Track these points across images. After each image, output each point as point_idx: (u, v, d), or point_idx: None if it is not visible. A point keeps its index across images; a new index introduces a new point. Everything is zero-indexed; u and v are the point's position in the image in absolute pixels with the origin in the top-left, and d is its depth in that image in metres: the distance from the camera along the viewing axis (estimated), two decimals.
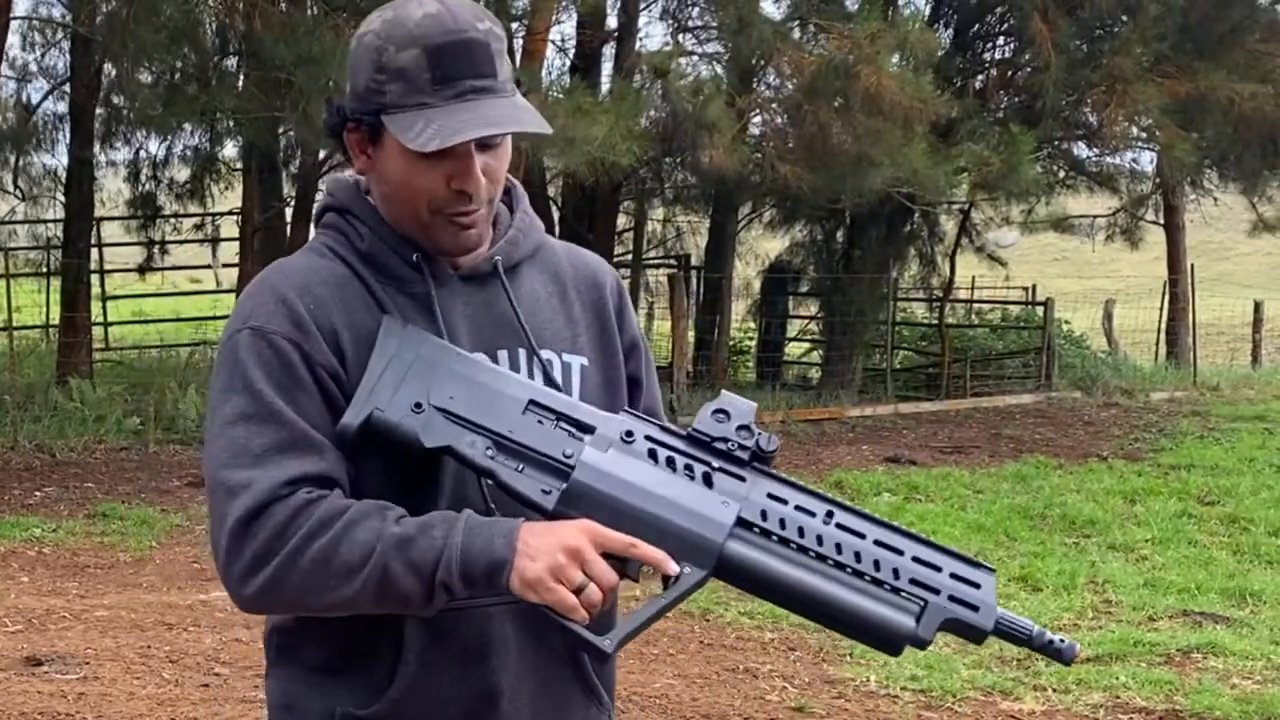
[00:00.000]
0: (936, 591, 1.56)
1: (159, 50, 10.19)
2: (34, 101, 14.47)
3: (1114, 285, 28.01)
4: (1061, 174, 17.80)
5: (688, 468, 1.60)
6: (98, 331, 15.49)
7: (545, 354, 1.76)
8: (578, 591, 1.54)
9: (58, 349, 12.88)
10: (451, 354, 1.66)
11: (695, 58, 14.67)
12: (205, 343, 16.43)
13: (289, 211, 15.56)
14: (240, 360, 1.64)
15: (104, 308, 16.76)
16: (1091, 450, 11.89)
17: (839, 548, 1.56)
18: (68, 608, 6.32)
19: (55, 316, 13.95)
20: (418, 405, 1.63)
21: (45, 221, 16.22)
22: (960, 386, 16.53)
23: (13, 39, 12.82)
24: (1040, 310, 17.26)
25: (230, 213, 16.52)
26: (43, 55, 14.52)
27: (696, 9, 15.33)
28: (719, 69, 14.01)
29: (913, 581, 1.56)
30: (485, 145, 1.68)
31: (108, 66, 12.22)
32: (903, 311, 19.01)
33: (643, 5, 15.23)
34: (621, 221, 18.28)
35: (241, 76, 11.76)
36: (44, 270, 16.68)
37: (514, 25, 13.64)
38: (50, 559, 7.33)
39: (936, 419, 13.80)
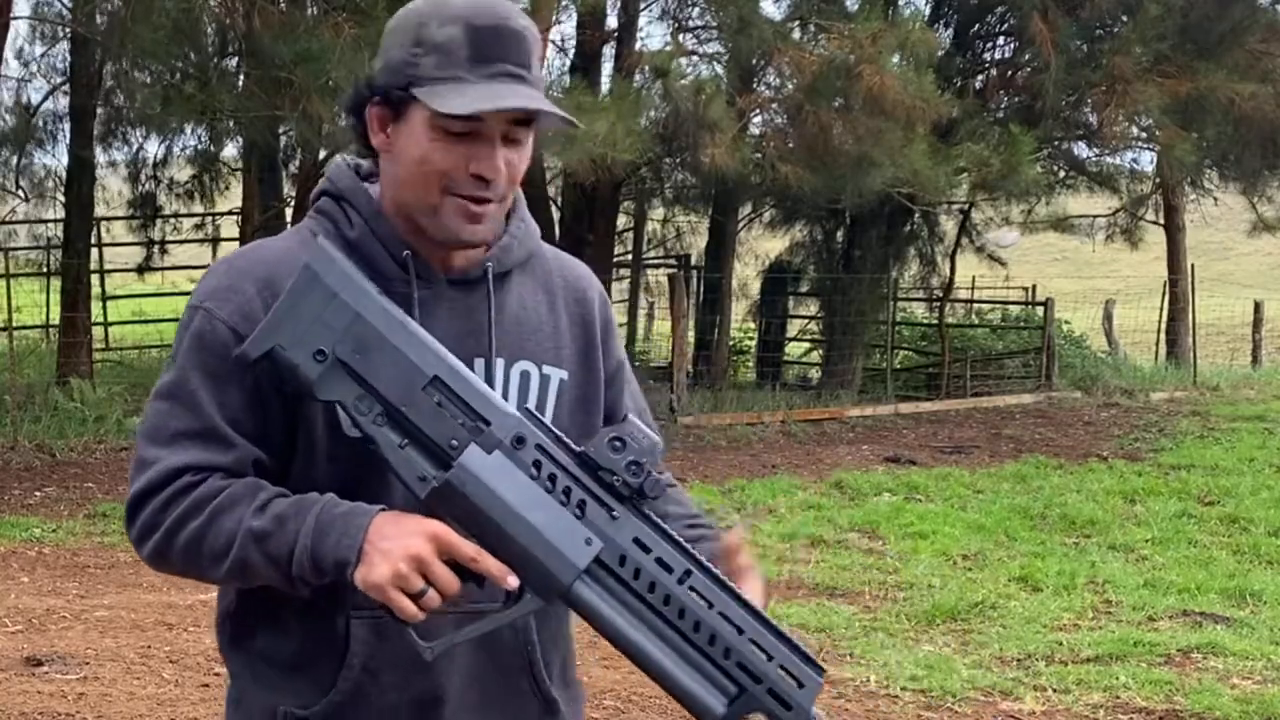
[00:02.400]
0: (759, 680, 1.53)
1: (159, 49, 10.18)
2: (34, 101, 14.48)
3: (1114, 285, 28.03)
4: (1061, 174, 17.81)
5: (565, 490, 1.56)
6: (98, 331, 15.50)
7: (523, 365, 1.74)
8: (416, 597, 1.53)
9: (58, 349, 12.88)
10: (373, 305, 1.59)
11: (695, 58, 14.68)
12: None
13: (289, 211, 15.57)
14: (184, 337, 1.68)
15: (104, 308, 16.76)
16: (1091, 450, 11.89)
17: (681, 612, 1.53)
18: (68, 608, 6.32)
19: (55, 316, 13.96)
20: (320, 353, 1.57)
21: (45, 221, 16.23)
22: (960, 386, 16.54)
23: (13, 39, 12.82)
24: (1040, 310, 17.26)
25: (230, 213, 16.53)
26: (43, 55, 14.53)
27: (696, 9, 15.33)
28: (719, 69, 14.01)
29: (739, 665, 1.53)
30: (510, 139, 1.66)
31: (108, 66, 12.22)
32: (903, 311, 19.02)
33: (643, 5, 15.23)
34: (621, 221, 18.29)
35: (241, 75, 11.75)
36: (44, 270, 16.68)
37: None
38: (50, 559, 7.33)
39: (936, 419, 13.80)
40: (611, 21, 15.33)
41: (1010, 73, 16.46)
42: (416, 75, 1.63)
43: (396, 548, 1.53)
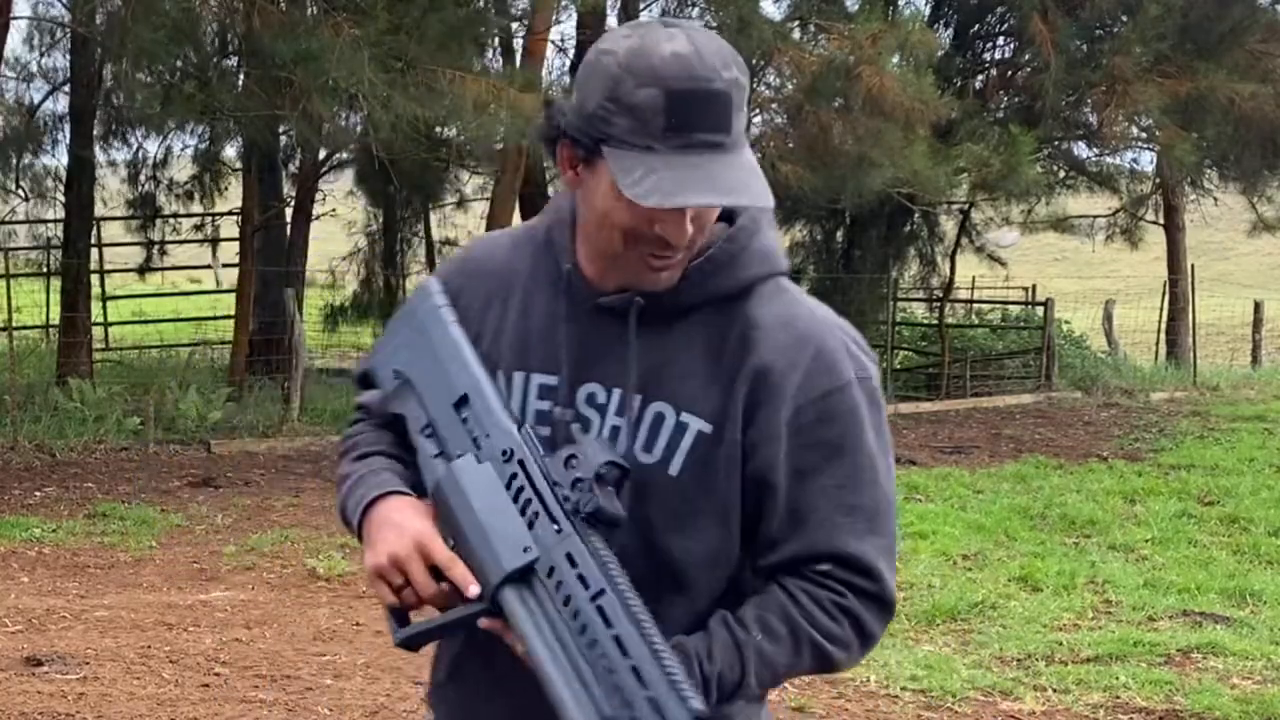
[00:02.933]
0: (629, 706, 1.53)
1: (158, 49, 10.17)
2: (34, 101, 14.48)
3: (1114, 285, 28.02)
4: (1061, 174, 17.81)
5: (526, 502, 1.62)
6: (98, 331, 15.50)
7: (659, 406, 1.68)
8: (397, 591, 1.63)
9: (58, 349, 12.88)
10: (439, 326, 1.74)
11: None
12: (205, 342, 16.44)
13: (289, 211, 15.57)
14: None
15: (104, 308, 16.76)
16: (1091, 450, 11.89)
17: (584, 629, 1.55)
18: (68, 608, 6.32)
19: (55, 316, 13.95)
20: (397, 372, 1.78)
21: (45, 221, 16.22)
22: (960, 386, 16.54)
23: (13, 39, 12.83)
24: (1040, 310, 17.26)
25: (230, 213, 16.52)
26: (43, 55, 14.53)
27: (696, 9, 15.33)
28: None
29: (615, 687, 1.54)
30: None
31: (108, 66, 12.22)
32: (903, 311, 19.01)
33: (643, 5, 15.23)
34: None
35: (241, 75, 11.75)
36: (44, 270, 16.68)
37: (514, 25, 13.66)
38: (50, 559, 7.33)
39: (936, 419, 13.80)
40: (612, 21, 15.32)
41: (1010, 73, 16.46)
42: (608, 134, 1.58)
43: (382, 543, 1.64)
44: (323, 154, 15.02)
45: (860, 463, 1.66)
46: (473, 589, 1.59)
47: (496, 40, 14.25)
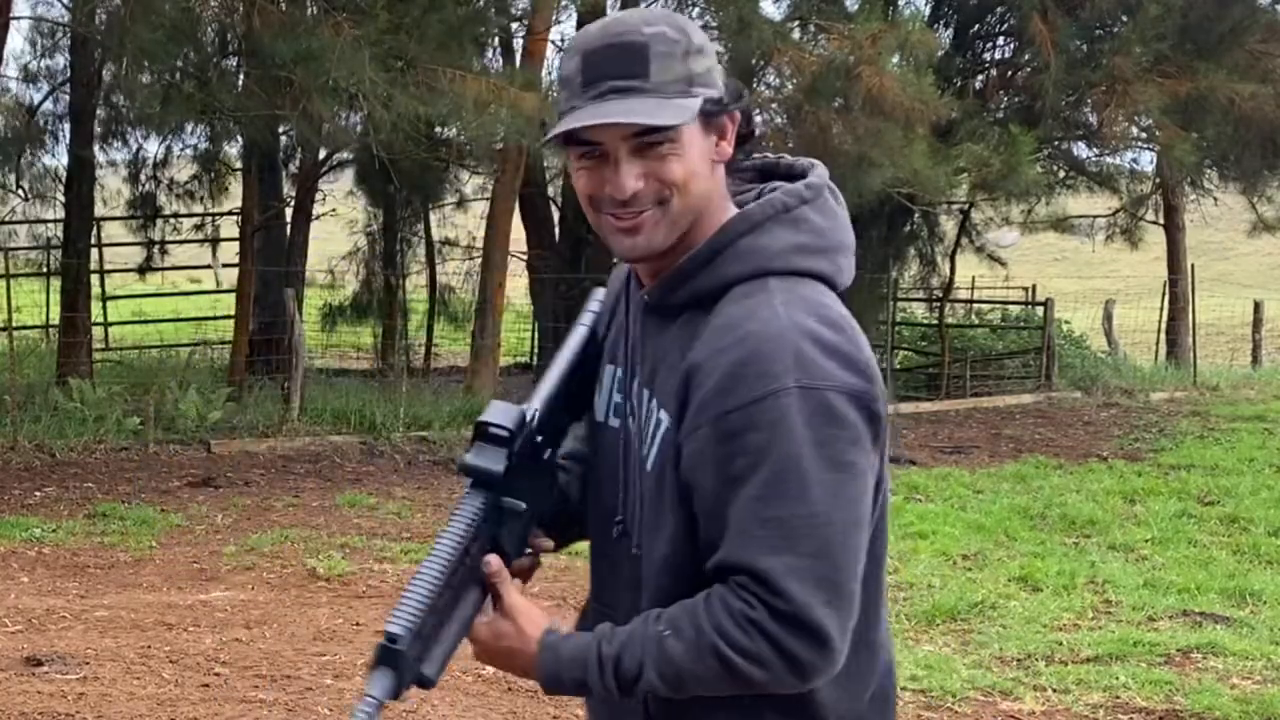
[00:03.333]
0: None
1: (158, 49, 10.17)
2: (34, 101, 14.47)
3: (1114, 285, 28.02)
4: (1061, 174, 17.81)
5: None
6: (98, 331, 15.51)
7: (654, 401, 1.71)
8: None
9: (58, 349, 12.88)
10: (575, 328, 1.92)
11: None
12: (205, 343, 16.44)
13: (289, 211, 15.57)
14: None
15: (104, 308, 16.76)
16: (1091, 450, 11.89)
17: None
18: (68, 608, 6.32)
19: (55, 316, 13.95)
20: None
21: (45, 221, 16.23)
22: (960, 386, 16.54)
23: (13, 39, 12.82)
24: (1040, 310, 17.26)
25: (230, 213, 16.52)
26: (43, 55, 14.53)
27: (696, 9, 15.33)
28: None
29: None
30: (640, 152, 1.63)
31: (108, 66, 12.21)
32: (903, 311, 19.01)
33: (643, 5, 15.23)
34: None
35: (241, 75, 11.75)
36: (44, 270, 16.68)
37: (514, 25, 13.66)
38: (50, 559, 7.33)
39: (936, 419, 13.80)
40: None
41: (1010, 73, 16.46)
42: (559, 110, 1.67)
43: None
44: (323, 154, 15.03)
45: (784, 475, 1.56)
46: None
47: (496, 40, 14.26)
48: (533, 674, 1.68)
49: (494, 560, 1.68)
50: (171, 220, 17.60)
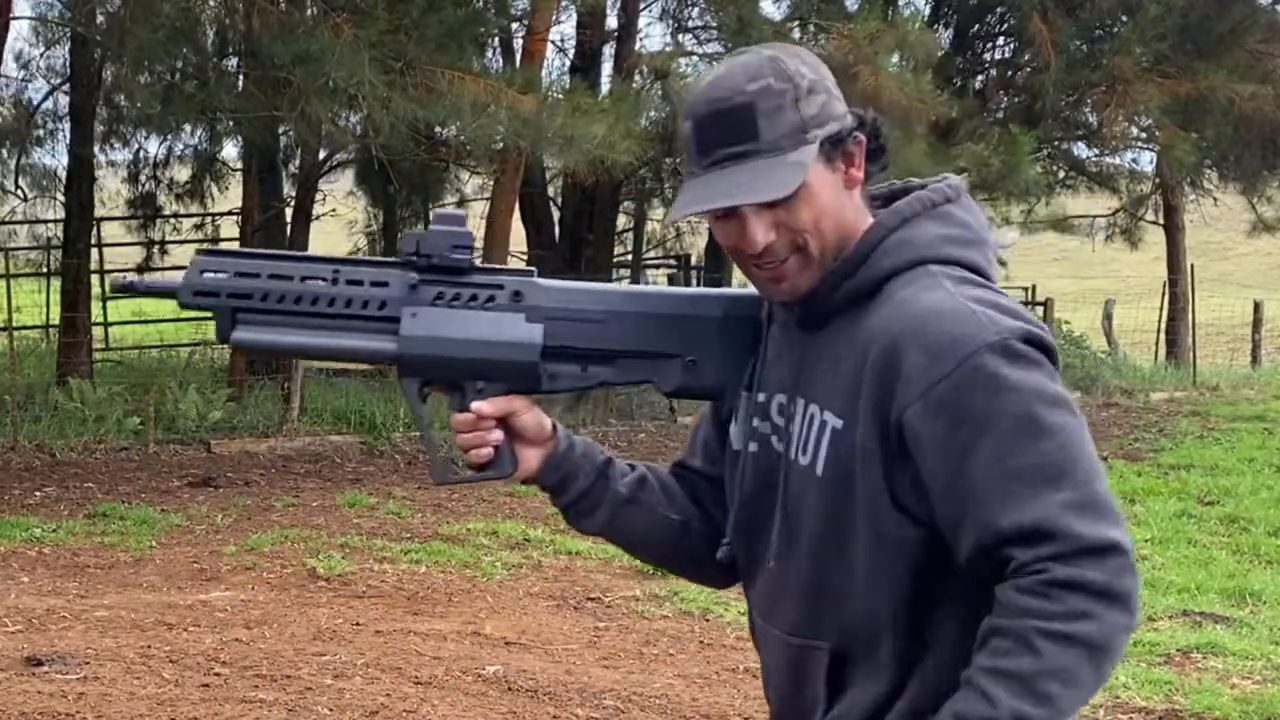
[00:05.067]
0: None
1: (158, 50, 10.17)
2: (34, 101, 14.47)
3: (1114, 285, 28.01)
4: (1061, 174, 17.81)
5: None
6: (98, 331, 15.48)
7: (812, 407, 1.72)
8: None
9: (58, 349, 12.87)
10: None
11: (695, 58, 14.67)
12: (205, 343, 16.42)
13: (289, 211, 15.56)
14: None
15: (104, 308, 16.74)
16: None
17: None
18: (68, 608, 6.32)
19: (55, 316, 13.94)
20: None
21: (45, 221, 16.22)
22: None
23: (12, 39, 12.82)
24: (1040, 310, 17.25)
25: (230, 213, 16.51)
26: (42, 55, 14.52)
27: (696, 9, 15.33)
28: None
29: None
30: (770, 203, 1.66)
31: (108, 66, 12.22)
32: None
33: (643, 5, 15.23)
34: (621, 221, 18.29)
35: (241, 76, 11.75)
36: (44, 270, 16.67)
37: (514, 25, 13.65)
38: (50, 559, 7.33)
39: None
40: (611, 21, 15.33)
41: (1010, 73, 16.46)
42: (684, 171, 1.74)
43: None
44: (323, 154, 15.02)
45: (1016, 426, 1.56)
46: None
47: (496, 40, 14.26)
48: None
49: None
50: (171, 220, 17.60)
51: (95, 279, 15.18)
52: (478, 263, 1.84)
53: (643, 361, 1.82)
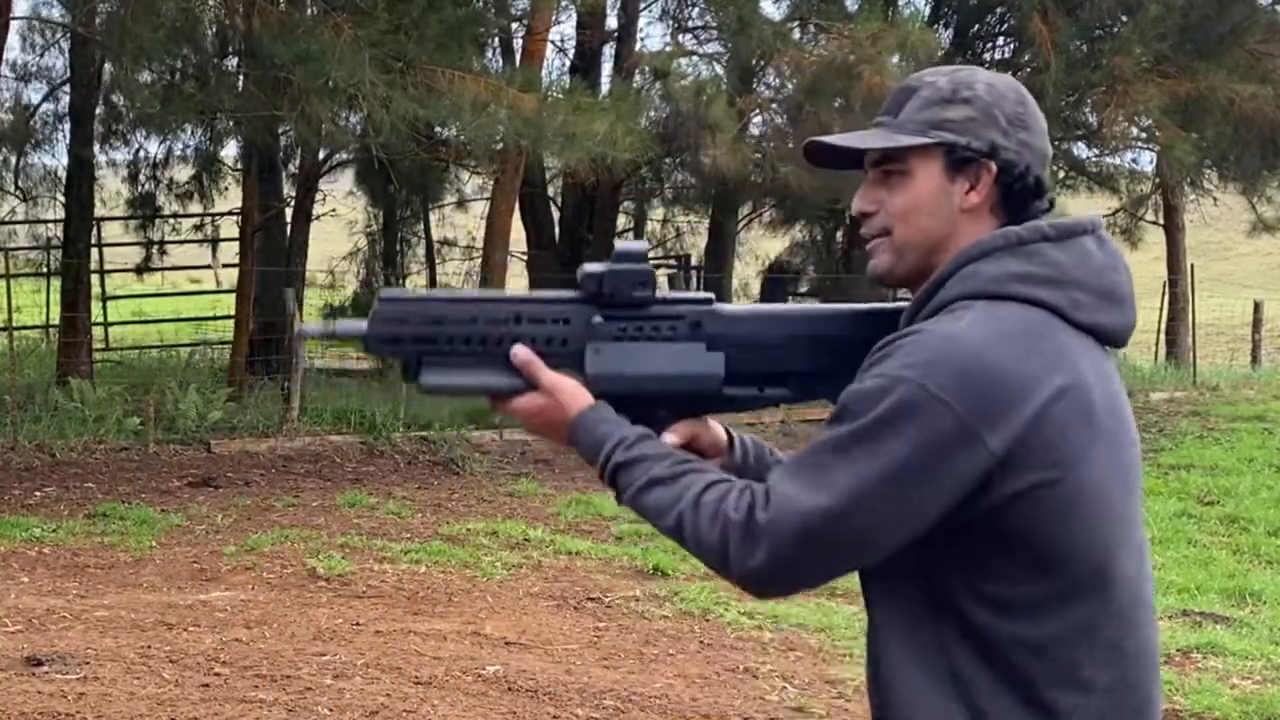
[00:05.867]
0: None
1: (158, 50, 10.17)
2: (34, 101, 14.47)
3: None
4: (1061, 174, 17.80)
5: None
6: (98, 331, 15.49)
7: None
8: None
9: (58, 349, 12.88)
10: None
11: (695, 58, 14.68)
12: (205, 343, 16.44)
13: (289, 211, 15.57)
14: None
15: (104, 308, 16.75)
16: None
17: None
18: (68, 608, 6.32)
19: (55, 316, 13.95)
20: None
21: (45, 221, 16.23)
22: None
23: (12, 39, 12.81)
24: None
25: (230, 213, 16.52)
26: (42, 55, 14.52)
27: (696, 9, 15.34)
28: (719, 69, 14.01)
29: None
30: (884, 176, 1.79)
31: (107, 66, 12.21)
32: None
33: (643, 5, 15.24)
34: (621, 221, 18.29)
35: (241, 76, 11.75)
36: (44, 270, 16.68)
37: (514, 25, 13.66)
38: (50, 559, 7.33)
39: None
40: (611, 21, 15.34)
41: (1010, 73, 16.43)
42: None
43: None
44: (323, 154, 15.02)
45: (848, 436, 1.66)
46: None
47: (496, 40, 14.26)
48: (564, 438, 1.82)
49: (520, 350, 1.81)
50: (171, 220, 17.61)
51: (95, 279, 15.20)
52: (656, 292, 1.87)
53: (816, 380, 1.86)
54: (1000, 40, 16.97)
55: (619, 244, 1.86)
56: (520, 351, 1.81)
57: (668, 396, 1.85)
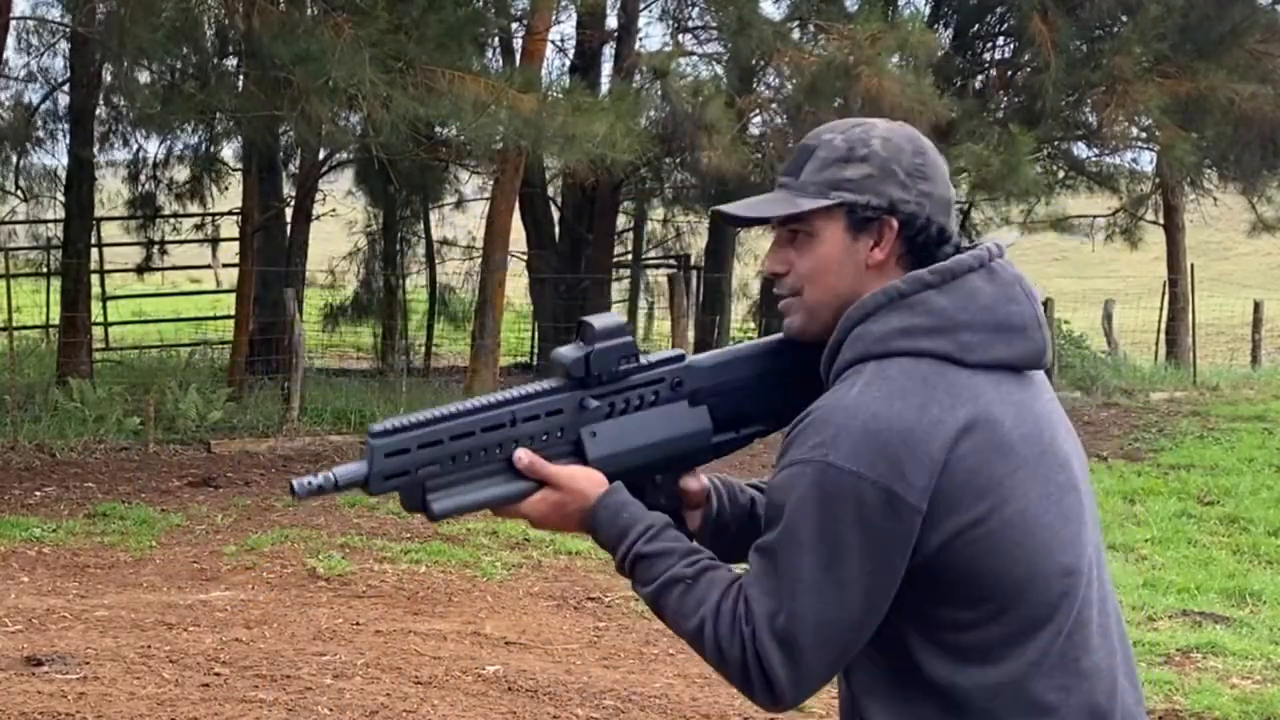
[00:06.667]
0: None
1: (158, 50, 10.17)
2: (33, 102, 14.47)
3: (1114, 285, 28.01)
4: (1061, 174, 17.81)
5: None
6: (98, 331, 15.50)
7: None
8: None
9: (58, 349, 12.88)
10: None
11: (695, 58, 14.69)
12: (205, 343, 16.44)
13: (289, 211, 15.58)
14: None
15: (104, 308, 16.76)
16: (1091, 450, 11.88)
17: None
18: (68, 608, 6.32)
19: (55, 316, 13.95)
20: None
21: (45, 221, 16.23)
22: None
23: (12, 39, 12.81)
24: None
25: (230, 213, 16.52)
26: (42, 55, 14.52)
27: (696, 9, 15.34)
28: (719, 69, 14.02)
29: None
30: (790, 236, 1.81)
31: (107, 66, 12.21)
32: None
33: (643, 5, 15.23)
34: (621, 221, 18.30)
35: (241, 76, 11.75)
36: (44, 270, 16.68)
37: (514, 25, 13.66)
38: (50, 559, 7.33)
39: None
40: (611, 21, 15.34)
41: (1010, 73, 16.46)
42: None
43: None
44: (322, 154, 15.03)
45: (786, 534, 1.69)
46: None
47: (496, 40, 14.26)
48: (586, 525, 1.82)
49: (522, 454, 1.79)
50: (171, 220, 17.61)
51: (95, 279, 15.20)
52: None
53: (786, 410, 1.86)
54: (1000, 40, 16.98)
55: (595, 321, 1.84)
56: (523, 455, 1.79)
57: (666, 462, 1.87)
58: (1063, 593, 1.72)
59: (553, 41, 14.78)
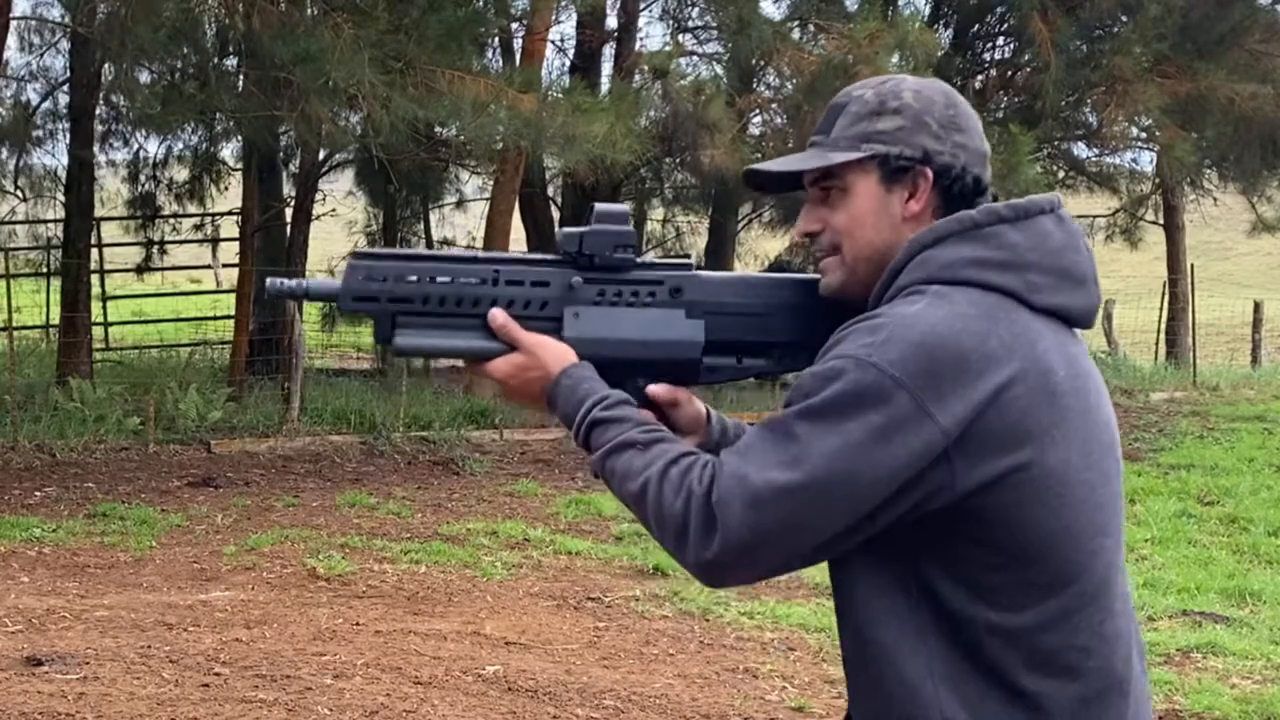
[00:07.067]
0: None
1: (158, 49, 10.18)
2: (33, 102, 14.46)
3: (1114, 285, 27.98)
4: (1061, 174, 17.81)
5: None
6: (98, 331, 15.50)
7: None
8: None
9: (58, 349, 12.88)
10: None
11: (695, 58, 14.69)
12: (205, 343, 16.44)
13: (289, 211, 15.57)
14: None
15: (104, 308, 16.76)
16: None
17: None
18: (68, 608, 6.32)
19: (55, 316, 13.95)
20: None
21: (45, 221, 16.22)
22: None
23: (11, 39, 12.81)
24: None
25: (230, 213, 16.52)
26: (42, 55, 14.52)
27: (696, 9, 15.34)
28: (719, 69, 14.02)
29: None
30: (823, 194, 1.79)
31: (107, 66, 12.21)
32: None
33: (643, 5, 15.24)
34: None
35: (241, 76, 11.75)
36: (44, 270, 16.68)
37: (514, 25, 13.66)
38: (50, 559, 7.33)
39: None
40: (611, 21, 15.34)
41: (1010, 73, 16.47)
42: None
43: None
44: (322, 154, 15.03)
45: (800, 414, 1.64)
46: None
47: (496, 40, 14.26)
48: (542, 400, 1.81)
49: (497, 314, 1.80)
50: (171, 220, 17.61)
51: (95, 279, 15.20)
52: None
53: (797, 351, 1.83)
54: (1000, 40, 16.98)
55: (599, 205, 1.83)
56: (498, 314, 1.80)
57: (647, 363, 1.82)
58: (1093, 552, 1.70)
59: (553, 41, 14.79)
